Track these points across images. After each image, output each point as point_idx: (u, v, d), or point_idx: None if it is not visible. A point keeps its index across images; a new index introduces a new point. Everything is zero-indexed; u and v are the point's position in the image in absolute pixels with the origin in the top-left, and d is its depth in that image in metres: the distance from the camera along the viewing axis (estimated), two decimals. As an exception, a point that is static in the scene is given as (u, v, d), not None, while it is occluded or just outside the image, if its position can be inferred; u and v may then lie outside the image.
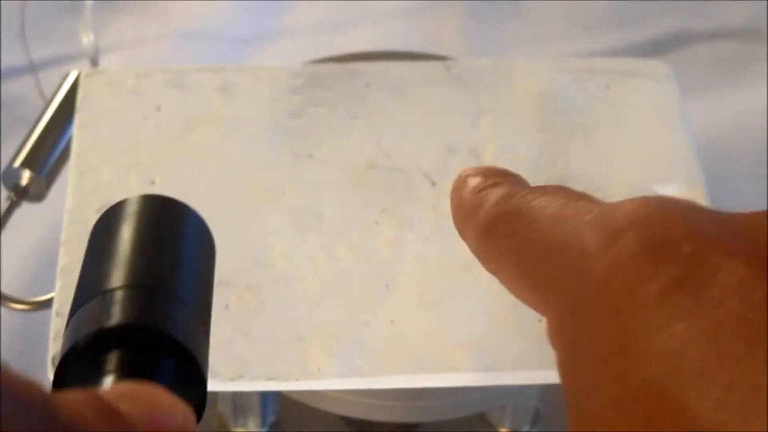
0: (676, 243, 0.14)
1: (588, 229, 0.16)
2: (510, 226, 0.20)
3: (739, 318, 0.13)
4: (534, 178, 0.32)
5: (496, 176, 0.22)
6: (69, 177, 0.32)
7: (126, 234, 0.20)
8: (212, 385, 0.28)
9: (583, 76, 0.35)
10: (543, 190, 0.20)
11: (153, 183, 0.32)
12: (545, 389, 0.35)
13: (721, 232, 0.15)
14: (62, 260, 0.30)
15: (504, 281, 0.21)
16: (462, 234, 0.23)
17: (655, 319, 0.14)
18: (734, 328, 0.13)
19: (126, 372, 0.17)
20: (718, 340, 0.13)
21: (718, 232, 0.15)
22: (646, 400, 0.13)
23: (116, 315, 0.18)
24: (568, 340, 0.16)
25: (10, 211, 0.42)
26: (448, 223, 0.31)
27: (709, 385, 0.12)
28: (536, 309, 0.18)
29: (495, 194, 0.21)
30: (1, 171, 0.43)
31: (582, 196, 0.19)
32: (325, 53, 0.40)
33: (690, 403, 0.12)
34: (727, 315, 0.13)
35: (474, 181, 0.22)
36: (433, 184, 0.32)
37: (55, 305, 0.29)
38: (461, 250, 0.22)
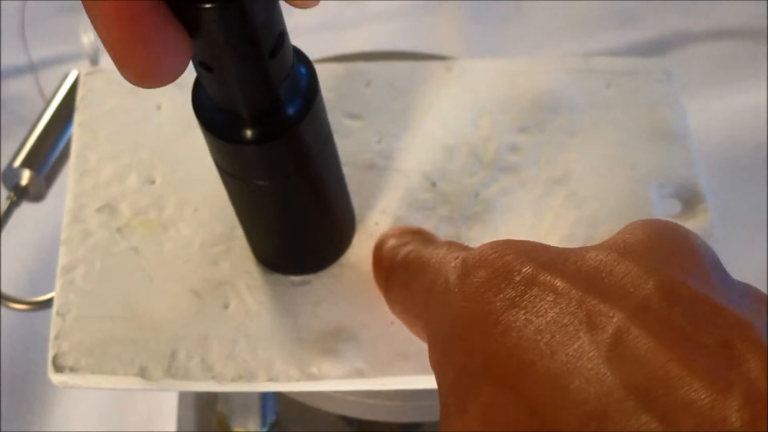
0: (512, 273, 0.18)
1: (452, 272, 0.20)
2: (404, 276, 0.25)
3: (555, 323, 0.17)
4: (534, 178, 0.32)
5: (408, 236, 0.28)
6: (69, 177, 0.32)
7: None
8: (212, 386, 0.28)
9: (583, 76, 0.35)
10: (435, 245, 0.25)
11: (153, 183, 0.32)
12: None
13: (552, 260, 0.18)
14: (62, 260, 0.30)
15: (405, 323, 0.25)
16: (378, 286, 0.28)
17: (494, 332, 0.17)
18: (551, 331, 0.17)
19: None
20: (540, 340, 0.17)
21: (548, 260, 0.18)
22: (490, 389, 0.17)
23: None
24: (435, 360, 0.20)
25: (10, 211, 0.42)
26: (448, 225, 0.31)
27: (531, 368, 0.16)
28: (426, 341, 0.22)
29: (402, 252, 0.26)
30: (1, 171, 0.43)
31: (462, 248, 0.23)
32: (325, 53, 0.40)
33: (526, 387, 0.16)
34: (547, 322, 0.17)
35: (390, 242, 0.28)
36: (433, 184, 0.32)
37: (55, 305, 0.29)
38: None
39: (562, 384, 0.16)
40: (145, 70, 0.18)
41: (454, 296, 0.19)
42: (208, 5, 0.18)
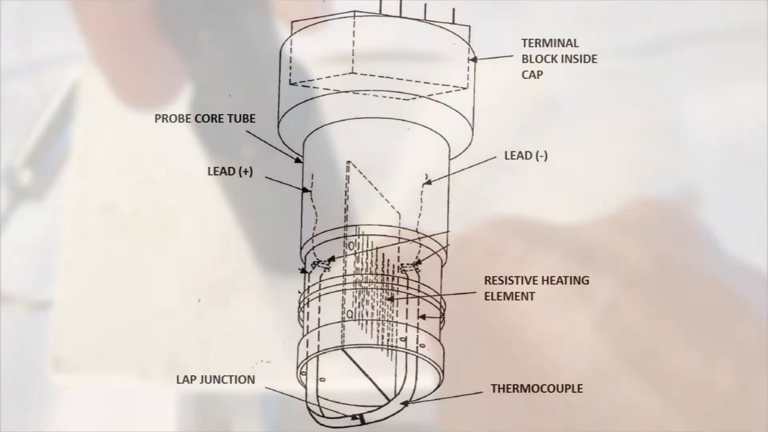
0: (505, 247, 0.19)
1: (446, 251, 0.21)
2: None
3: (548, 296, 0.17)
4: (534, 178, 0.32)
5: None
6: (69, 177, 0.32)
7: None
8: (212, 386, 0.28)
9: (583, 76, 0.35)
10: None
11: (153, 183, 0.32)
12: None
13: (546, 235, 0.19)
14: (62, 260, 0.30)
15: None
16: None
17: (488, 306, 0.18)
18: (544, 303, 0.17)
19: None
20: (533, 312, 0.17)
21: (542, 235, 0.19)
22: (485, 361, 0.18)
23: None
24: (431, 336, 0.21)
25: (10, 211, 0.42)
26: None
27: (523, 339, 0.17)
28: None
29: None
30: (1, 171, 0.43)
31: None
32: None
33: (518, 358, 0.17)
34: (540, 295, 0.17)
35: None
36: (433, 184, 0.32)
37: (55, 305, 0.29)
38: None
39: (554, 353, 0.16)
40: (139, 95, 0.18)
41: (448, 273, 0.20)
42: (203, 30, 0.17)
